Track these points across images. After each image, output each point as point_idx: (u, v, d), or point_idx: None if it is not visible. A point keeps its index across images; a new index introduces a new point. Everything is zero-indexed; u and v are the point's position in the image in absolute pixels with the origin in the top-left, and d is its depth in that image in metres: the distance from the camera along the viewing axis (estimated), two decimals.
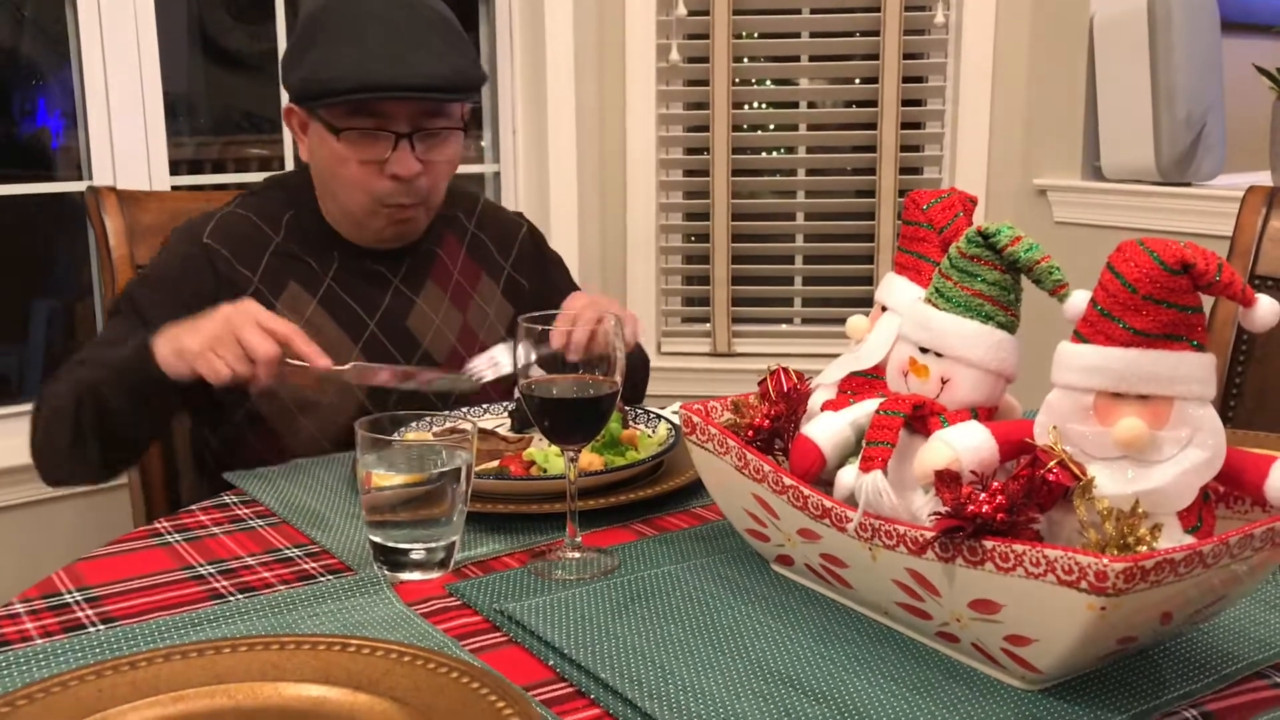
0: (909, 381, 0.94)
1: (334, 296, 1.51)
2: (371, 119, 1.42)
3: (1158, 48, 2.41)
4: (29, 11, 3.49)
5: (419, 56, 1.41)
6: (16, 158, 3.49)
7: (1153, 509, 0.80)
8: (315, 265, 1.52)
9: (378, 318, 1.53)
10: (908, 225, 1.06)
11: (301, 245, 1.52)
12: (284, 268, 1.50)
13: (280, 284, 1.49)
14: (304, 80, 1.43)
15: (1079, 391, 0.83)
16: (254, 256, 1.49)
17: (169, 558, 1.08)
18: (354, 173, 1.44)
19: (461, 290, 1.62)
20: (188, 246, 1.48)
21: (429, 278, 1.59)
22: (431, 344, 1.56)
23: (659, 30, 2.75)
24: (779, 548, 1.00)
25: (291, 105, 1.50)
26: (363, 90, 1.39)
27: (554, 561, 1.05)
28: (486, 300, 1.65)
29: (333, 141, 1.43)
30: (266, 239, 1.51)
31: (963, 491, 0.81)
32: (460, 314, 1.61)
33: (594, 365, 1.04)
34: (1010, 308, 0.92)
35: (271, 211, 1.53)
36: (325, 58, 1.41)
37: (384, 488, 1.04)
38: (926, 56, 2.77)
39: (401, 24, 1.43)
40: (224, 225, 1.50)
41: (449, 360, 1.57)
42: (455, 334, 1.59)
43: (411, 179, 1.45)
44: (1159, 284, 0.80)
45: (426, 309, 1.57)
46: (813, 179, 2.84)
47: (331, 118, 1.43)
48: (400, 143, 1.43)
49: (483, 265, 1.66)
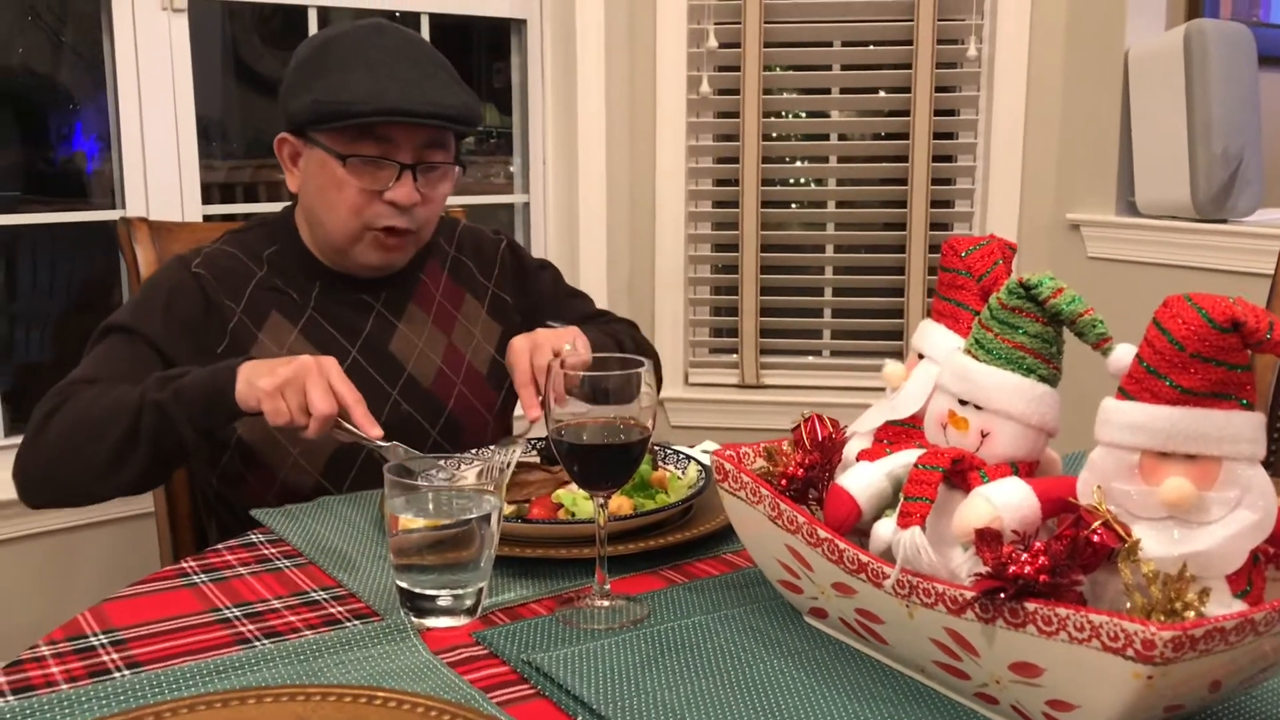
0: (948, 434, 0.93)
1: (315, 325, 1.53)
2: (378, 146, 1.45)
3: (1194, 82, 2.39)
4: (67, 37, 3.53)
5: (431, 86, 1.45)
6: (52, 181, 3.52)
7: (1200, 572, 0.78)
8: (296, 296, 1.54)
9: (359, 343, 1.54)
10: (945, 272, 1.04)
11: (283, 278, 1.54)
12: (266, 299, 1.52)
13: (262, 315, 1.50)
14: (314, 103, 1.44)
15: (1124, 450, 0.81)
16: (237, 289, 1.51)
17: (195, 599, 1.07)
18: (350, 197, 1.46)
19: (445, 312, 1.63)
20: (176, 274, 1.50)
21: (411, 301, 1.60)
22: (415, 367, 1.57)
23: (690, 62, 2.75)
24: (813, 600, 0.99)
25: (286, 135, 1.52)
26: (379, 113, 1.41)
27: (583, 609, 1.04)
28: (471, 321, 1.66)
29: (335, 167, 1.45)
30: (249, 273, 1.53)
31: (1004, 551, 0.79)
32: (444, 336, 1.62)
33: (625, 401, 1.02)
34: (1052, 360, 0.90)
35: (254, 248, 1.56)
36: (338, 83, 1.43)
37: (411, 530, 1.03)
38: (959, 89, 2.75)
39: (410, 58, 1.47)
40: (210, 259, 1.52)
41: (435, 382, 1.57)
42: (440, 356, 1.60)
43: (409, 207, 1.48)
44: (1208, 342, 0.78)
45: (409, 333, 1.58)
46: (843, 211, 2.83)
47: (336, 144, 1.45)
48: (403, 173, 1.46)
49: (465, 286, 1.67)
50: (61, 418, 1.34)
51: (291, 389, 1.25)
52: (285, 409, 1.25)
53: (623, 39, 2.74)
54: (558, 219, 2.82)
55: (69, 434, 1.33)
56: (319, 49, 1.49)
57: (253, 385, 1.27)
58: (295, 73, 1.49)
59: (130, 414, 1.30)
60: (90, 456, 1.31)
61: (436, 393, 1.58)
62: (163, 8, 2.19)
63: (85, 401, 1.34)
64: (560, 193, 2.80)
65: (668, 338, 2.86)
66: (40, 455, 1.35)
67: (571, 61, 2.70)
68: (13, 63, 3.59)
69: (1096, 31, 2.56)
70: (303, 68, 1.48)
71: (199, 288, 1.48)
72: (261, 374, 1.27)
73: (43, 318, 3.34)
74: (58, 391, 1.37)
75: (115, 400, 1.32)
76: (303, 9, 2.42)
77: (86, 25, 2.43)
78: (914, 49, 2.65)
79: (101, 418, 1.32)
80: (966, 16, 2.67)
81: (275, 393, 1.26)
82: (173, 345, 1.43)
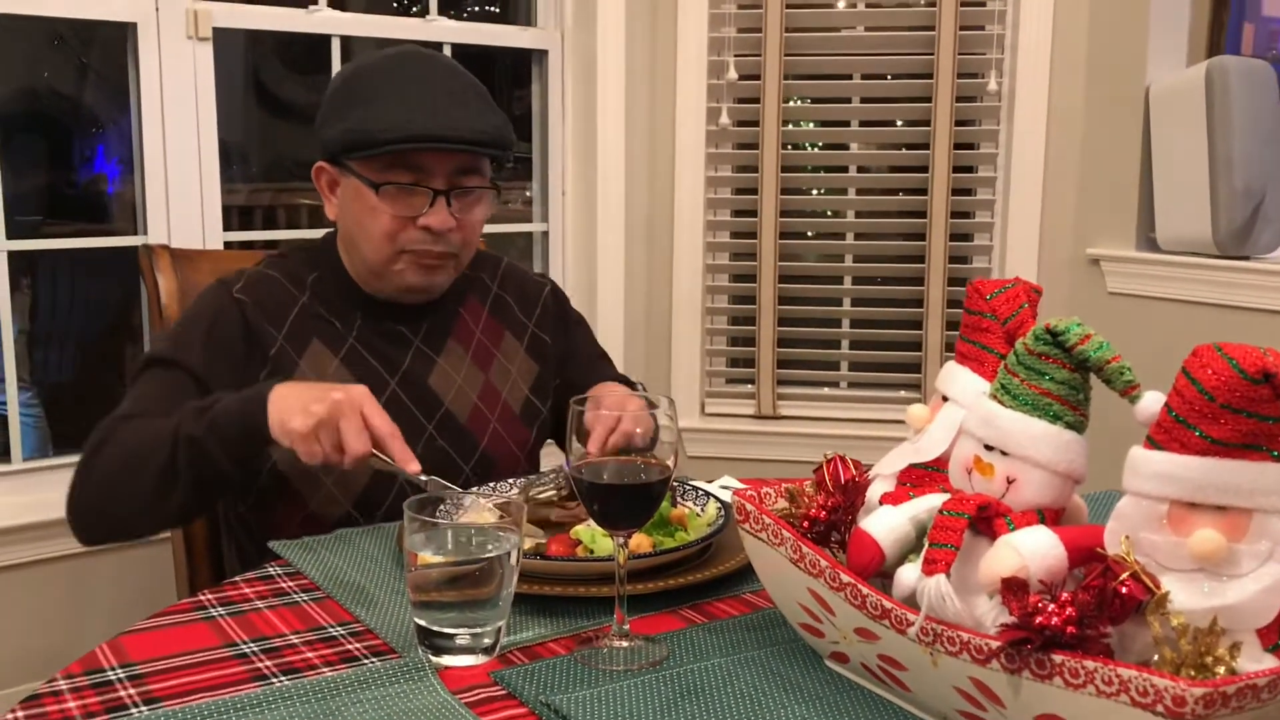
0: (973, 479, 0.92)
1: (356, 355, 1.52)
2: (410, 173, 1.45)
3: (1215, 119, 2.38)
4: (91, 61, 3.56)
5: (461, 113, 1.45)
6: (74, 203, 3.54)
7: (1231, 625, 0.77)
8: (339, 325, 1.53)
9: (399, 377, 1.53)
10: (970, 314, 1.04)
11: (326, 305, 1.54)
12: (308, 327, 1.51)
13: (304, 342, 1.50)
14: (347, 132, 1.45)
15: (1152, 500, 0.81)
16: (280, 315, 1.50)
17: (212, 633, 1.06)
18: (385, 224, 1.46)
19: (484, 349, 1.62)
20: (217, 299, 1.50)
21: (450, 336, 1.60)
22: (453, 403, 1.56)
23: (709, 93, 2.75)
24: (834, 645, 0.98)
25: (323, 164, 1.52)
26: (408, 141, 1.41)
27: (601, 649, 1.03)
28: (509, 358, 1.65)
29: (369, 196, 1.45)
30: (293, 299, 1.52)
31: (1030, 601, 0.79)
32: (482, 373, 1.61)
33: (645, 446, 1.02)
34: (1079, 407, 0.90)
35: (297, 273, 1.55)
36: (370, 113, 1.43)
37: (430, 565, 1.02)
38: (979, 123, 2.75)
39: (441, 84, 1.47)
40: (253, 283, 1.52)
41: (471, 419, 1.57)
42: (477, 392, 1.59)
43: (443, 233, 1.47)
44: (1238, 393, 0.77)
45: (448, 368, 1.58)
46: (861, 243, 2.82)
47: (369, 172, 1.45)
48: (437, 199, 1.46)
49: (505, 324, 1.67)
50: (105, 456, 1.36)
51: (325, 430, 1.24)
52: (320, 451, 1.25)
53: (643, 70, 2.75)
54: (576, 248, 2.82)
55: (113, 472, 1.35)
56: (350, 78, 1.49)
57: (286, 427, 1.26)
58: (329, 102, 1.50)
59: (167, 448, 1.31)
60: (134, 492, 1.33)
61: (472, 429, 1.57)
62: (188, 36, 2.20)
63: (125, 438, 1.35)
64: (579, 221, 2.81)
65: (684, 367, 2.86)
66: (88, 494, 1.37)
67: (592, 91, 2.72)
68: (38, 86, 3.63)
69: (1117, 67, 2.56)
70: (335, 97, 1.49)
71: (240, 314, 1.48)
72: (294, 412, 1.26)
73: (65, 339, 3.35)
74: (102, 429, 1.38)
75: (153, 435, 1.33)
76: (326, 36, 2.43)
77: (111, 50, 2.46)
78: (934, 83, 2.65)
79: (140, 453, 1.32)
80: (987, 51, 2.68)
81: (310, 435, 1.25)
82: (213, 373, 1.42)
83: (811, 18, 2.73)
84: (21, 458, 2.17)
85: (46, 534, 2.12)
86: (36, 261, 3.15)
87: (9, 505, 2.12)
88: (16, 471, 2.15)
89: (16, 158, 2.64)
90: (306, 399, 1.27)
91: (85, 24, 2.21)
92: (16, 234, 2.18)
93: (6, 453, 2.20)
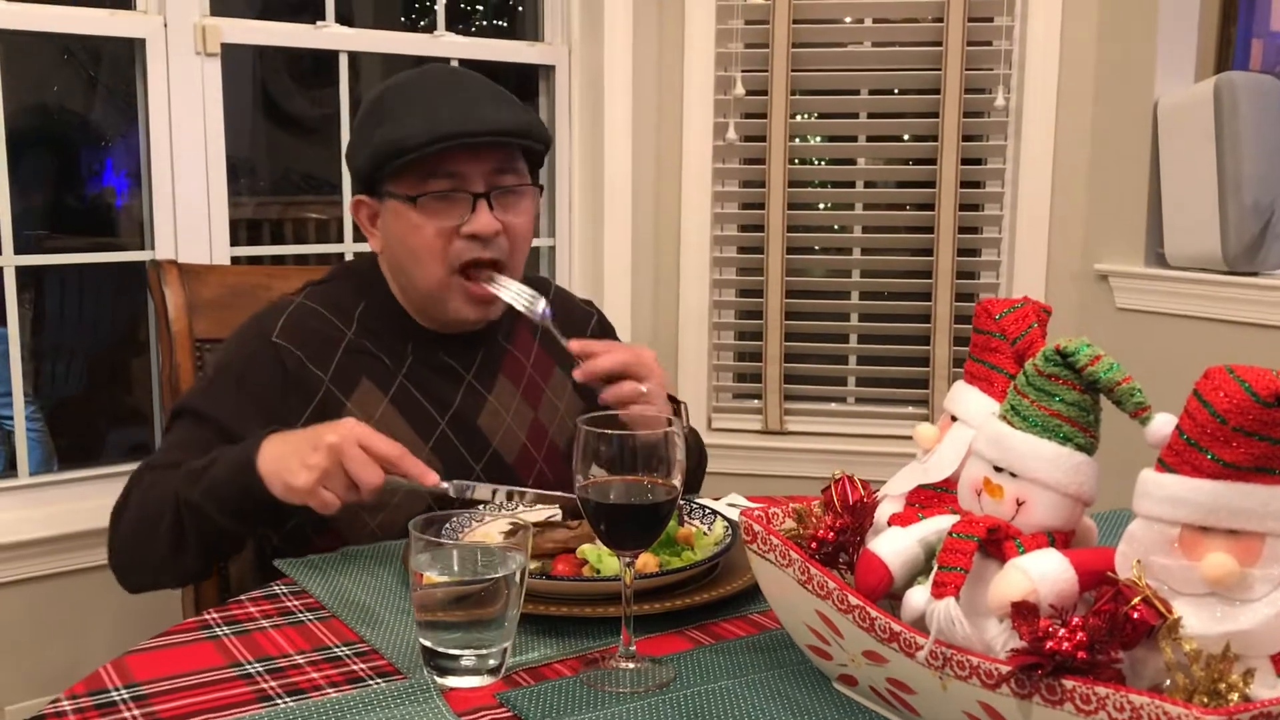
0: (982, 501, 0.91)
1: (406, 395, 1.47)
2: (446, 180, 1.41)
3: (1224, 135, 2.37)
4: (100, 76, 3.58)
5: (486, 108, 1.42)
6: (81, 216, 3.55)
7: (1244, 651, 0.76)
8: (388, 361, 1.48)
9: (449, 417, 1.49)
10: (979, 334, 1.03)
11: (374, 339, 1.49)
12: (356, 365, 1.46)
13: (352, 382, 1.45)
14: (376, 151, 1.41)
15: (1163, 523, 0.80)
16: (326, 355, 1.45)
17: (217, 653, 1.06)
18: (430, 241, 1.42)
19: (534, 385, 1.58)
20: (255, 344, 1.45)
21: (501, 372, 1.55)
22: (501, 443, 1.52)
23: (717, 109, 2.76)
24: (842, 667, 0.97)
25: (361, 197, 1.49)
26: (435, 141, 1.37)
27: (608, 671, 1.02)
28: (558, 395, 1.61)
29: (409, 213, 1.41)
30: (339, 334, 1.47)
31: (1041, 625, 0.78)
32: (532, 410, 1.57)
33: (653, 467, 1.01)
34: (1089, 429, 0.89)
35: (341, 303, 1.50)
36: (395, 126, 1.40)
37: (435, 585, 1.02)
38: (986, 139, 2.75)
39: (466, 88, 1.44)
40: (293, 321, 1.47)
41: (518, 458, 1.53)
42: (525, 431, 1.55)
43: (491, 237, 1.43)
44: (1250, 416, 0.76)
45: (498, 406, 1.53)
46: (868, 258, 2.82)
47: (405, 187, 1.42)
48: (478, 203, 1.41)
49: (555, 357, 1.62)
50: (128, 511, 1.37)
51: (330, 476, 1.21)
52: (334, 498, 1.22)
53: (650, 85, 2.76)
54: (583, 262, 2.82)
55: (134, 529, 1.36)
56: (375, 102, 1.46)
57: (291, 487, 1.22)
58: (356, 131, 1.48)
59: (171, 511, 1.30)
60: (151, 550, 1.33)
61: (518, 468, 1.53)
62: (196, 51, 2.21)
63: (144, 494, 1.36)
64: (586, 236, 2.81)
65: (691, 382, 2.85)
66: (118, 546, 1.39)
67: (599, 106, 2.72)
68: (48, 100, 3.64)
69: (1125, 83, 2.56)
70: (362, 124, 1.47)
71: (277, 360, 1.43)
72: (293, 471, 1.22)
73: (71, 353, 3.36)
74: (132, 477, 1.40)
75: (161, 495, 1.32)
76: (332, 53, 2.44)
77: (120, 64, 2.46)
78: (941, 98, 2.65)
79: (151, 515, 1.33)
80: (994, 66, 2.67)
81: (316, 488, 1.21)
82: (244, 423, 1.38)
83: (819, 33, 2.73)
84: (28, 472, 2.17)
85: (51, 549, 2.12)
86: (43, 275, 3.16)
87: (14, 520, 2.11)
88: (22, 487, 2.15)
89: (25, 172, 2.65)
90: (302, 451, 1.23)
91: (94, 39, 2.21)
92: (22, 248, 2.18)
93: (12, 467, 2.20)
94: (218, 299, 1.82)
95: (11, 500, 2.13)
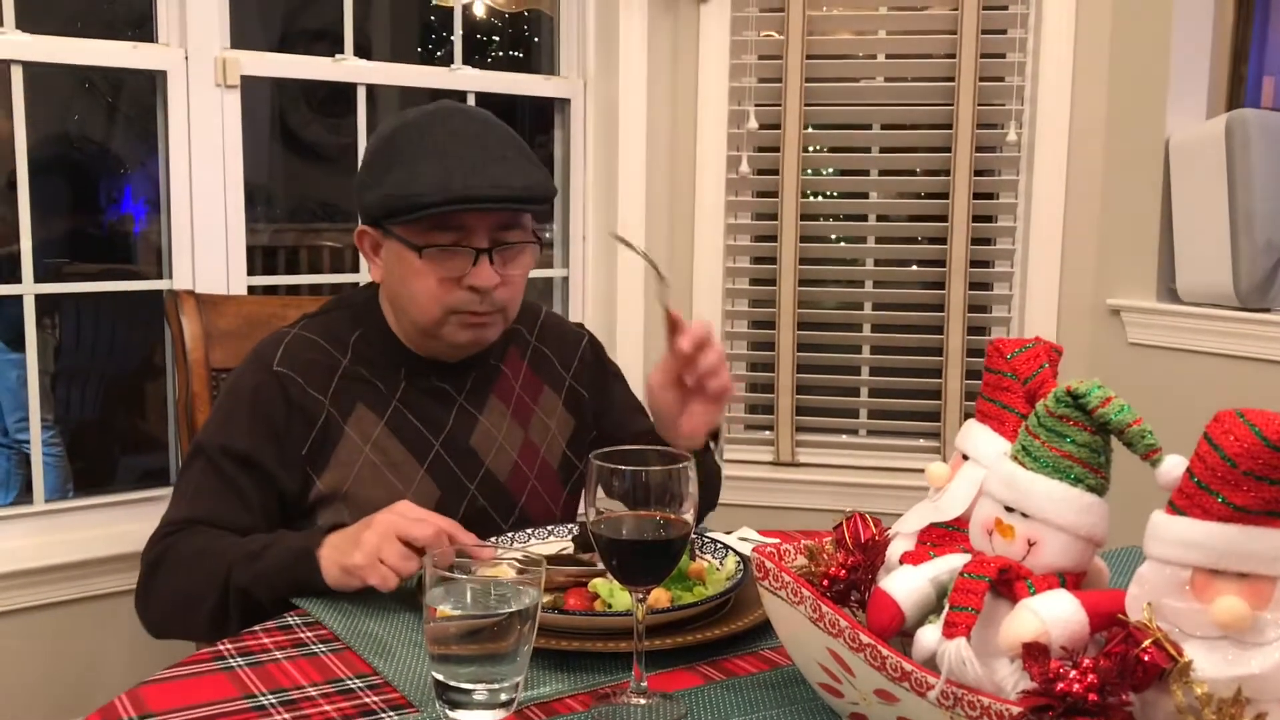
0: (994, 541, 0.92)
1: (401, 419, 1.51)
2: (451, 234, 1.44)
3: (1235, 172, 2.38)
4: (120, 105, 3.62)
5: (499, 169, 1.44)
6: (100, 243, 3.58)
7: (1255, 695, 0.77)
8: (382, 387, 1.52)
9: (442, 438, 1.53)
10: (990, 373, 1.04)
11: (369, 366, 1.53)
12: (352, 390, 1.50)
13: (349, 407, 1.49)
14: (387, 197, 1.43)
15: (1174, 566, 0.80)
16: (324, 381, 1.49)
17: (231, 684, 1.07)
18: (430, 287, 1.46)
19: (524, 405, 1.62)
20: (259, 375, 1.49)
21: (492, 393, 1.59)
22: (494, 462, 1.57)
23: (730, 142, 2.78)
24: (853, 705, 0.97)
25: (365, 228, 1.51)
26: (448, 203, 1.40)
27: (619, 706, 1.03)
28: (548, 414, 1.65)
29: (413, 259, 1.45)
30: (335, 362, 1.51)
31: (1052, 666, 0.78)
32: (522, 430, 1.61)
33: (666, 502, 1.02)
34: (1100, 470, 0.90)
35: (337, 333, 1.54)
36: (407, 175, 1.42)
37: (449, 618, 1.02)
38: (998, 173, 2.76)
39: (478, 141, 1.46)
40: (291, 352, 1.50)
41: (511, 477, 1.57)
42: (516, 450, 1.59)
43: (490, 290, 1.47)
44: (1260, 460, 0.77)
45: (490, 426, 1.58)
46: (880, 291, 2.83)
47: (412, 235, 1.44)
48: (480, 258, 1.45)
49: (544, 378, 1.66)
50: (163, 579, 1.39)
51: (386, 549, 1.24)
52: (390, 572, 1.24)
53: (665, 120, 2.78)
54: (596, 293, 2.83)
55: (170, 602, 1.39)
56: (387, 140, 1.48)
57: (349, 571, 1.25)
58: (366, 167, 1.50)
59: (217, 592, 1.33)
60: (191, 622, 1.36)
61: (511, 487, 1.57)
62: (216, 84, 2.24)
63: (181, 564, 1.38)
64: (599, 267, 2.82)
65: None
66: (153, 613, 1.42)
67: (613, 139, 2.74)
68: (69, 129, 3.68)
69: (1137, 119, 2.57)
70: (374, 161, 1.48)
71: (280, 387, 1.47)
72: (350, 554, 1.25)
73: (88, 379, 3.39)
74: (158, 538, 1.42)
75: (205, 575, 1.34)
76: (351, 84, 2.47)
77: (140, 94, 2.49)
78: (953, 133, 2.66)
79: (193, 594, 1.35)
80: (1007, 102, 2.69)
81: (374, 562, 1.24)
82: (261, 451, 1.44)
83: (832, 68, 2.75)
84: (44, 499, 2.18)
85: (66, 576, 2.13)
86: (62, 302, 3.18)
87: (30, 547, 2.13)
88: (38, 513, 2.16)
89: (46, 200, 2.68)
90: (359, 535, 1.27)
91: (115, 69, 2.24)
92: (42, 276, 2.20)
93: (28, 489, 2.21)
94: (234, 329, 1.84)
95: (28, 526, 2.15)
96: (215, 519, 1.41)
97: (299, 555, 1.30)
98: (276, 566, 1.31)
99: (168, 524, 1.43)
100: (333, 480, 1.46)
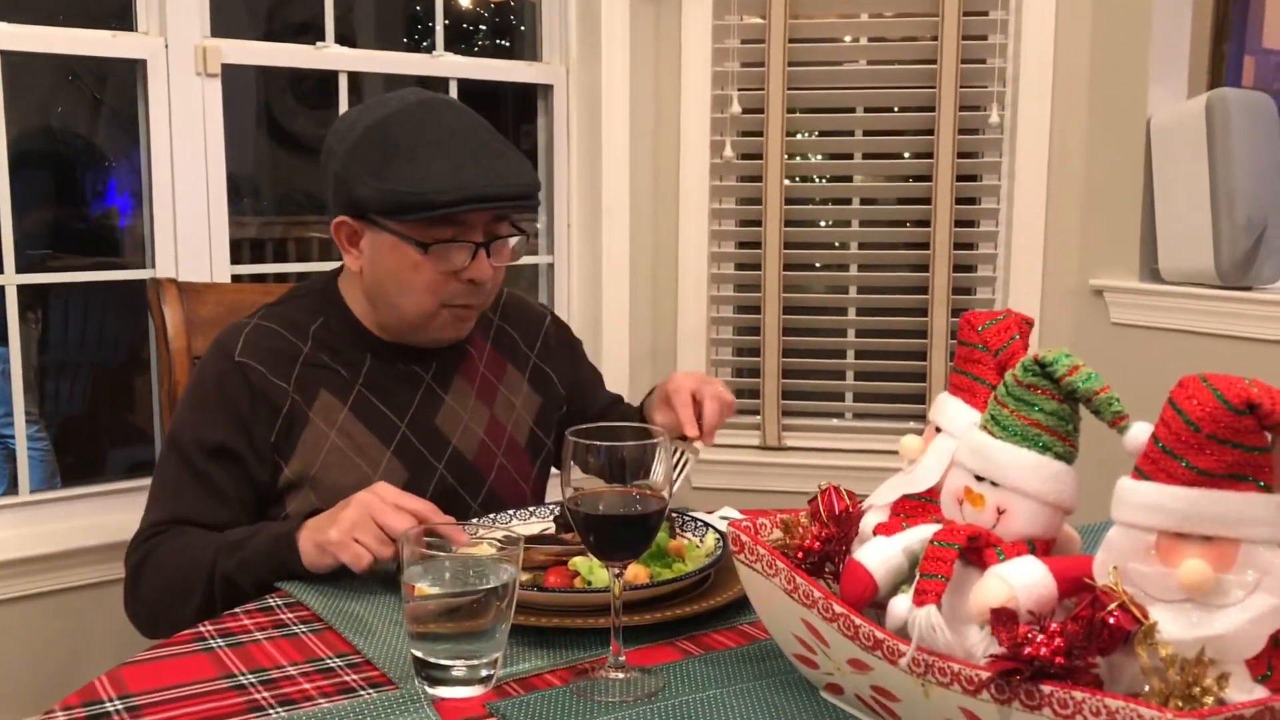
0: (964, 510, 0.92)
1: (364, 403, 1.52)
2: (452, 229, 1.44)
3: (1216, 151, 2.39)
4: (104, 97, 3.60)
5: (503, 166, 1.45)
6: (85, 236, 3.57)
7: (1219, 656, 0.77)
8: (345, 373, 1.53)
9: (407, 419, 1.54)
10: (963, 346, 1.05)
11: (330, 353, 1.53)
12: (314, 378, 1.51)
13: (312, 394, 1.50)
14: (391, 194, 1.41)
15: (1140, 530, 0.81)
16: (285, 368, 1.50)
17: (211, 665, 1.07)
18: (428, 279, 1.46)
19: (488, 384, 1.63)
20: (220, 365, 1.49)
21: (457, 374, 1.60)
22: (460, 441, 1.57)
23: (714, 127, 2.78)
24: (828, 675, 0.98)
25: (345, 219, 1.49)
26: (465, 202, 1.40)
27: (597, 681, 1.03)
28: (513, 392, 1.66)
29: (412, 253, 1.44)
30: (295, 350, 1.52)
31: (1019, 631, 0.79)
32: (487, 409, 1.62)
33: (641, 477, 1.03)
34: (1068, 438, 0.90)
35: (296, 321, 1.54)
36: (415, 172, 1.40)
37: (427, 597, 1.03)
38: (981, 156, 2.77)
39: (474, 137, 1.46)
40: (252, 342, 1.51)
41: (478, 456, 1.58)
42: (482, 429, 1.60)
43: (486, 283, 1.49)
44: (1223, 424, 0.78)
45: (455, 406, 1.58)
46: (865, 274, 2.83)
47: (415, 231, 1.43)
48: (478, 251, 1.46)
49: (508, 357, 1.68)
50: (149, 578, 1.42)
51: (361, 528, 1.25)
52: (365, 551, 1.25)
53: (648, 104, 2.78)
54: (581, 280, 2.84)
55: (157, 598, 1.41)
56: (378, 132, 1.44)
57: (321, 545, 1.27)
58: (353, 158, 1.45)
59: (203, 581, 1.35)
60: (179, 617, 1.36)
61: (479, 466, 1.58)
62: (197, 72, 2.23)
63: (166, 561, 1.41)
64: (584, 254, 2.83)
65: None
66: (141, 612, 1.44)
67: (596, 125, 2.74)
68: (52, 121, 3.67)
69: (1118, 100, 2.58)
70: (363, 154, 1.44)
71: (243, 378, 1.47)
72: (325, 530, 1.27)
73: (74, 371, 3.38)
74: (140, 541, 1.44)
75: (190, 566, 1.37)
76: (333, 73, 2.46)
77: (123, 85, 2.48)
78: (936, 115, 2.67)
79: (180, 585, 1.37)
80: (988, 84, 2.69)
81: (347, 541, 1.25)
82: (232, 439, 1.45)
83: (814, 52, 2.75)
84: (29, 490, 2.18)
85: (52, 566, 2.13)
86: (47, 294, 3.18)
87: (15, 538, 2.13)
88: (23, 504, 2.16)
89: (29, 192, 2.67)
90: (337, 512, 1.29)
91: (98, 60, 2.24)
92: (26, 267, 2.20)
93: (15, 483, 2.21)
94: (216, 317, 1.83)
95: (13, 517, 2.15)
96: (194, 517, 1.43)
97: (280, 540, 1.31)
98: (259, 553, 1.32)
99: (148, 526, 1.45)
100: (300, 466, 1.47)
